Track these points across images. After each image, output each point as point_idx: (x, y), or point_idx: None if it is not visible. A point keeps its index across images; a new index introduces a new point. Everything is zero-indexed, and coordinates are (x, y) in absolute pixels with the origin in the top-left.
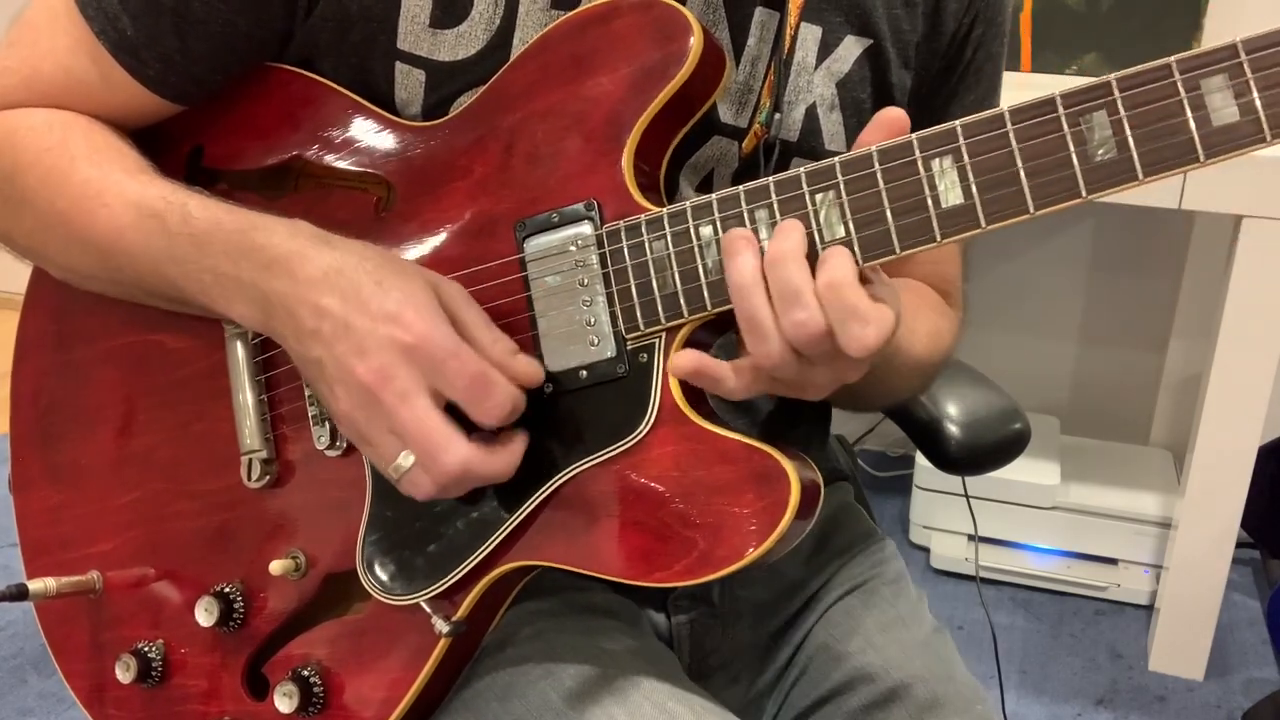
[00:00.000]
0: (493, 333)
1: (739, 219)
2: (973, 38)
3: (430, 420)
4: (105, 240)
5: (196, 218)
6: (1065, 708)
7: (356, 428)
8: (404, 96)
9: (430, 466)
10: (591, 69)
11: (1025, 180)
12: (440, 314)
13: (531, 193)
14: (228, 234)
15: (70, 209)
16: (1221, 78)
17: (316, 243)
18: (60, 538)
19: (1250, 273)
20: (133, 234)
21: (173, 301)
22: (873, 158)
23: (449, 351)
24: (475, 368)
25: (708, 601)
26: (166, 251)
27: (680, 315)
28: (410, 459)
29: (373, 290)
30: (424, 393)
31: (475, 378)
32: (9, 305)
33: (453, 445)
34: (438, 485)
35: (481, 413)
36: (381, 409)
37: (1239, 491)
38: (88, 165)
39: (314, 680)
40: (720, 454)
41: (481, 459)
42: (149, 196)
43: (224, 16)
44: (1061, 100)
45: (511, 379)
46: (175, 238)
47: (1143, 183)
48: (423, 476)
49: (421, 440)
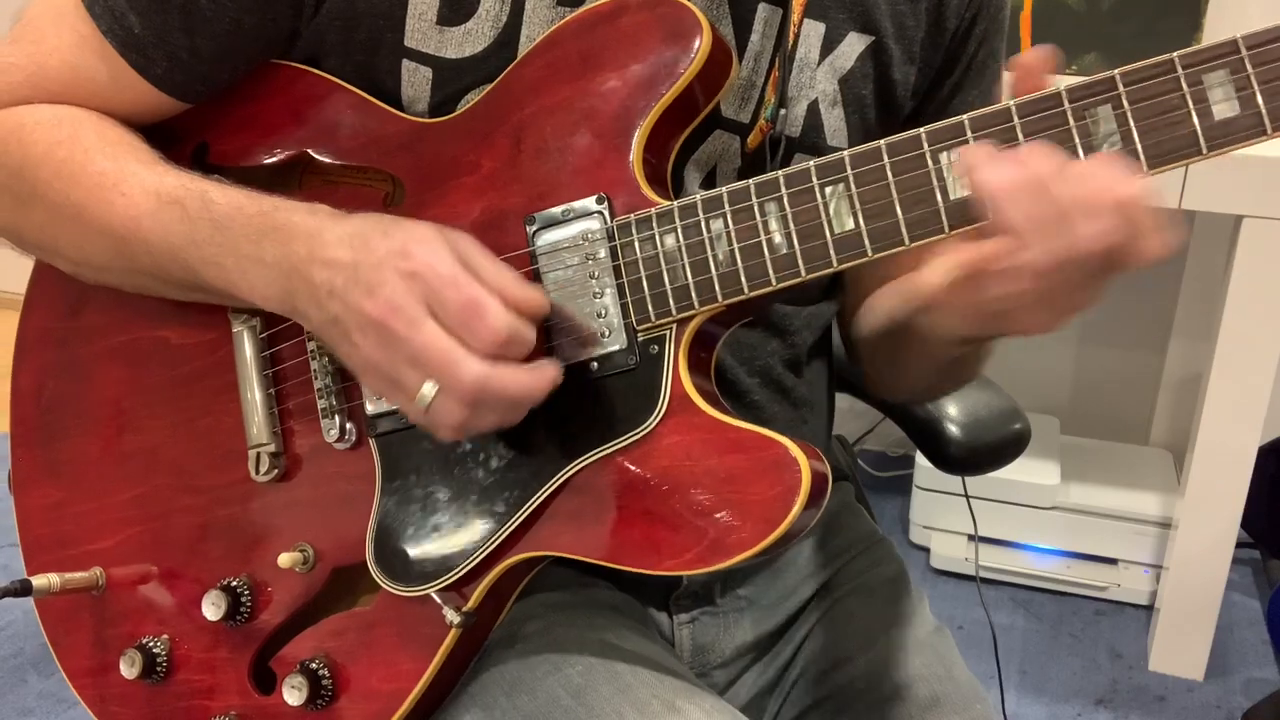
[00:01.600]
0: (497, 265)
1: (749, 212)
2: (975, 33)
3: (439, 339)
4: (123, 229)
5: (218, 203)
6: (1065, 708)
7: (379, 370)
8: (410, 94)
9: (452, 386)
10: (600, 65)
11: None
12: (445, 248)
13: (540, 187)
14: (249, 217)
15: (86, 199)
16: (1223, 73)
17: (335, 218)
18: (62, 535)
19: (1250, 273)
20: (151, 221)
21: (189, 289)
22: (881, 151)
23: (447, 279)
24: (469, 293)
25: (709, 601)
26: (187, 236)
27: (691, 307)
28: (433, 387)
29: (380, 238)
30: (431, 317)
31: (468, 303)
32: (9, 305)
33: (467, 359)
34: (464, 406)
35: (473, 338)
36: (396, 340)
37: (1239, 491)
38: (102, 157)
39: (322, 673)
40: (731, 443)
41: (499, 372)
42: (167, 184)
43: (231, 15)
44: (1067, 94)
45: (512, 306)
46: (196, 223)
47: (1146, 175)
48: (448, 402)
49: (436, 360)
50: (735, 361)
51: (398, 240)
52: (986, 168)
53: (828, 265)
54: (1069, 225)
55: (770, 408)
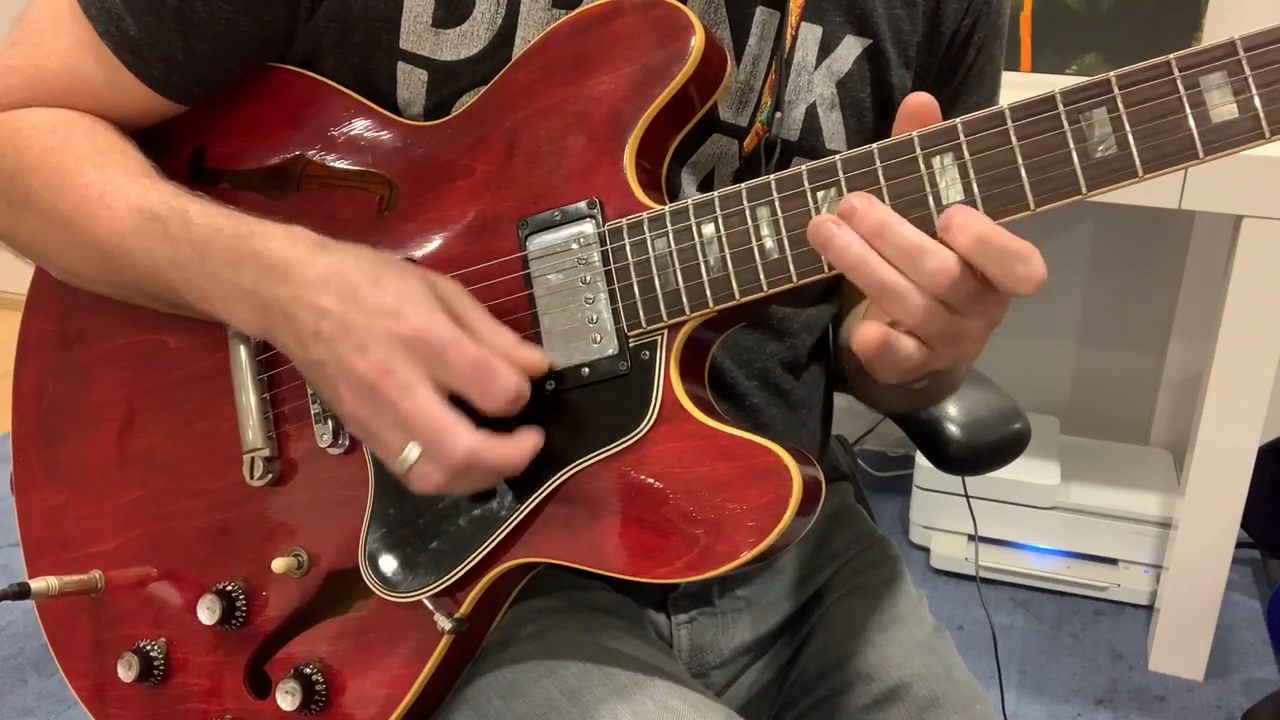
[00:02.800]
0: (492, 323)
1: (740, 217)
2: (974, 40)
3: (432, 408)
4: (107, 244)
5: (197, 223)
6: (1065, 708)
7: (363, 425)
8: (406, 97)
9: (437, 455)
10: (594, 68)
11: (1026, 177)
12: (437, 306)
13: (533, 191)
14: (226, 240)
15: (73, 212)
16: (1220, 75)
17: (313, 248)
18: (62, 537)
19: (1250, 273)
20: (134, 239)
21: (173, 306)
22: (874, 155)
23: (448, 340)
24: (476, 353)
25: (707, 601)
26: (168, 257)
27: (683, 312)
28: (417, 451)
29: (370, 288)
30: (426, 383)
31: (477, 363)
32: (9, 305)
33: (458, 430)
34: (446, 474)
35: (485, 397)
36: (385, 402)
37: (1239, 491)
38: (91, 168)
39: (316, 678)
40: (722, 450)
41: (489, 445)
42: (151, 201)
43: (226, 17)
44: (1061, 97)
45: (515, 365)
46: (177, 243)
47: (1143, 179)
48: (430, 467)
49: (426, 429)
50: (734, 364)
51: (389, 297)
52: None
53: (819, 270)
54: (916, 267)
55: (769, 410)
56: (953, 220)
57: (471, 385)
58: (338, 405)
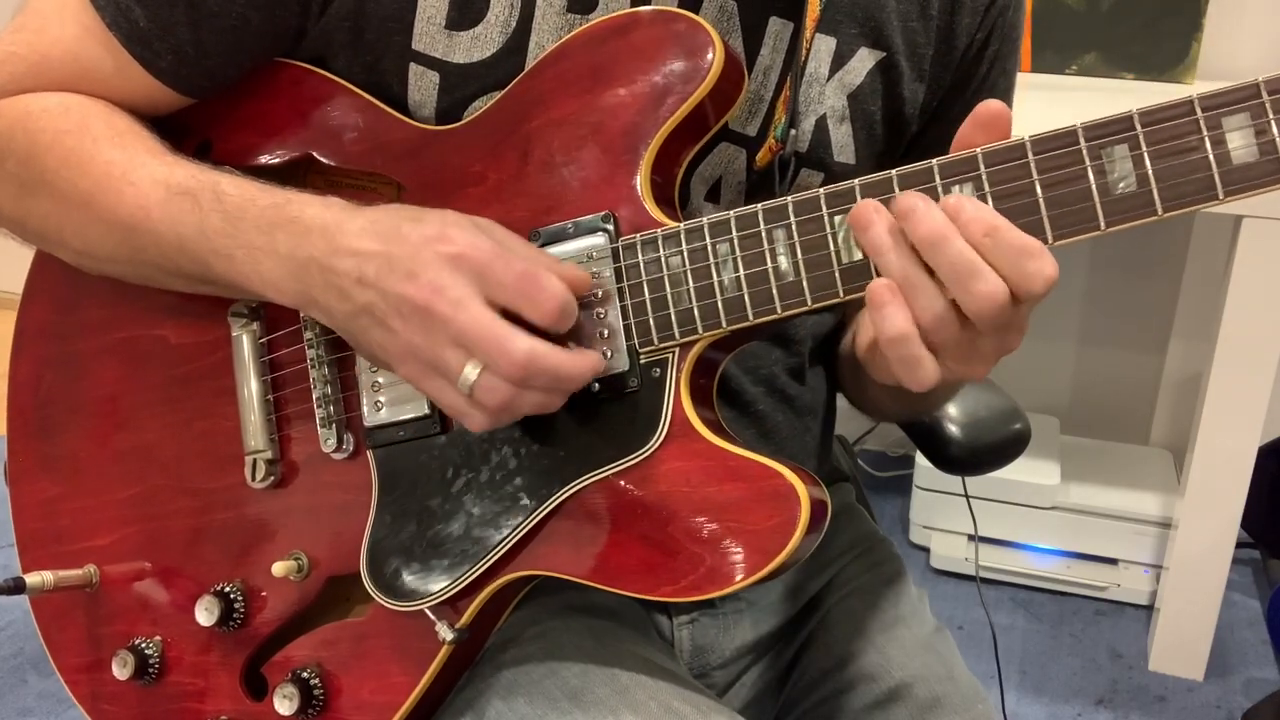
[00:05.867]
0: (531, 247)
1: (756, 238)
2: (987, 54)
3: (487, 318)
4: (131, 219)
5: (230, 194)
6: (1065, 708)
7: (418, 354)
8: (417, 98)
9: (498, 363)
10: (610, 80)
11: (1045, 210)
12: (479, 228)
13: (546, 202)
14: (261, 209)
15: (94, 188)
16: (1243, 116)
17: (350, 209)
18: (56, 530)
19: (1250, 273)
20: (160, 212)
21: (197, 281)
22: (893, 182)
23: (494, 253)
24: (521, 265)
25: (708, 602)
26: (197, 228)
27: (695, 331)
28: (476, 369)
29: (411, 225)
30: (477, 297)
31: (522, 274)
32: (9, 305)
33: (515, 334)
34: (509, 385)
35: (534, 307)
36: (439, 321)
37: (1239, 491)
38: (110, 146)
39: (314, 682)
40: (730, 471)
41: (547, 347)
42: (178, 176)
43: (237, 10)
44: (1083, 132)
45: (559, 277)
46: (207, 214)
47: (1161, 218)
48: (493, 380)
49: (484, 339)
50: (740, 371)
51: (433, 226)
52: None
53: (834, 295)
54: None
55: (774, 416)
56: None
57: (519, 297)
58: (389, 346)
